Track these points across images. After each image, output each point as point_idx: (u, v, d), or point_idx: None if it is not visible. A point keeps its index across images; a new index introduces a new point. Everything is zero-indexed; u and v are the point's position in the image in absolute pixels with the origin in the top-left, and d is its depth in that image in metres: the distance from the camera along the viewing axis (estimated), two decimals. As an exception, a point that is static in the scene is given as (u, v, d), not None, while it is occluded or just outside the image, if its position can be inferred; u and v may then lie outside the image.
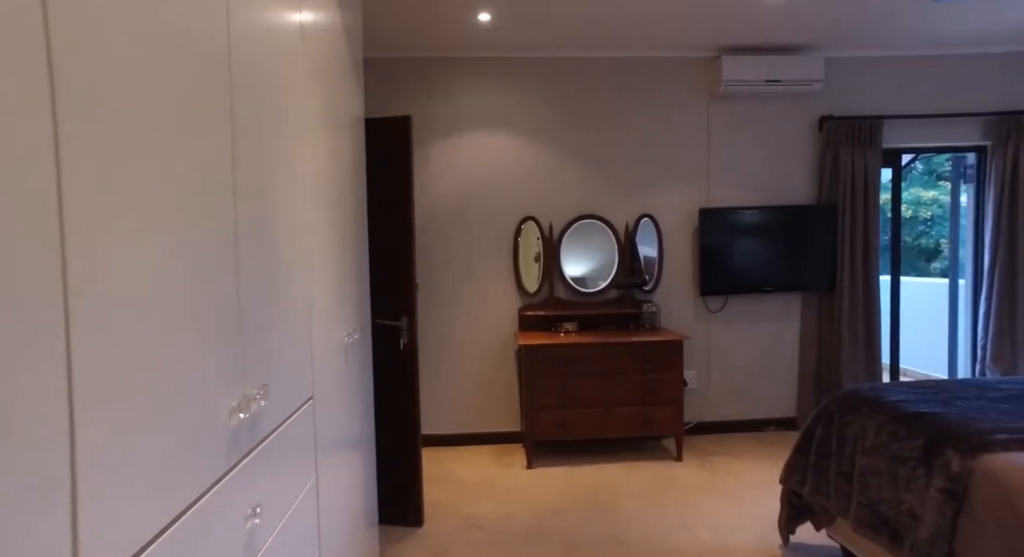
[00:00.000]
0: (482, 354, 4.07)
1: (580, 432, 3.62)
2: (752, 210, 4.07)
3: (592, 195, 4.07)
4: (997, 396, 2.18)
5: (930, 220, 8.74)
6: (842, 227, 4.05)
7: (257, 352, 1.07)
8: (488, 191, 4.02)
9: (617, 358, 3.61)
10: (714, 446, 3.91)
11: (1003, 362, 4.18)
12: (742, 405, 4.22)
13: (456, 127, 3.98)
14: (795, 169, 4.17)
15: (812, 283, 4.10)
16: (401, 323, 2.76)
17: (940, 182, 8.53)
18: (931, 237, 8.71)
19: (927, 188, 8.82)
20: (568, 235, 4.03)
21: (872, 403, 2.16)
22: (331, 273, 1.77)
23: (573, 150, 4.04)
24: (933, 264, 8.57)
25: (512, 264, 4.04)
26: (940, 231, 8.46)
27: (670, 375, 3.64)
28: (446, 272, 4.02)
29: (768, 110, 4.12)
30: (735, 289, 4.08)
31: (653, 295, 4.10)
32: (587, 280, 4.09)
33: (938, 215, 8.57)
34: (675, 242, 4.12)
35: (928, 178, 8.85)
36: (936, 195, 8.65)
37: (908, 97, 4.16)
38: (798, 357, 4.23)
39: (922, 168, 8.65)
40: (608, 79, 4.03)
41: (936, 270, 8.29)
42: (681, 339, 3.63)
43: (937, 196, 8.61)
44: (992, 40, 3.99)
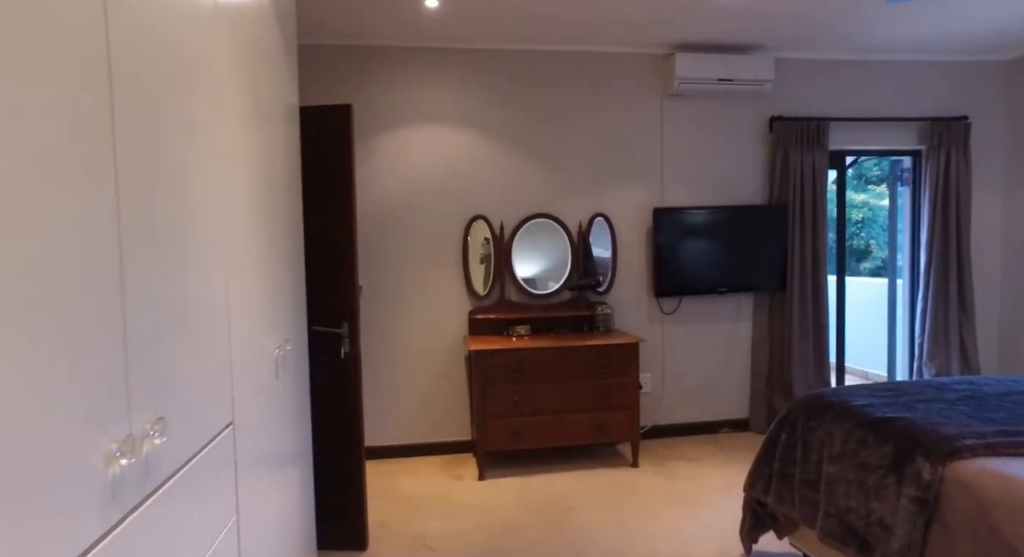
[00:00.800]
0: (430, 360, 3.87)
1: (534, 441, 3.47)
2: (705, 210, 4.03)
3: (544, 193, 3.93)
4: (954, 398, 2.15)
5: (860, 222, 9.08)
6: (792, 228, 4.07)
7: (150, 376, 0.86)
8: (436, 188, 3.82)
9: (571, 363, 3.48)
10: (669, 450, 3.84)
11: (938, 359, 4.30)
12: (696, 407, 4.17)
13: (402, 120, 3.77)
14: (747, 169, 4.16)
15: (764, 283, 4.10)
16: (342, 330, 2.54)
17: (869, 186, 8.87)
18: (861, 239, 9.05)
19: (857, 191, 9.16)
20: (520, 235, 3.88)
21: (837, 408, 2.09)
22: (258, 277, 1.54)
23: (525, 146, 3.89)
24: (863, 264, 8.91)
25: (461, 265, 3.86)
26: (869, 233, 8.79)
27: (626, 379, 3.54)
28: (391, 274, 3.80)
29: (720, 109, 4.09)
30: (689, 290, 4.03)
31: (607, 297, 4.00)
32: (539, 281, 3.95)
33: (868, 217, 8.90)
34: (629, 242, 4.04)
35: (858, 182, 9.20)
36: (866, 198, 8.99)
37: (852, 100, 4.22)
38: (750, 358, 4.22)
39: (852, 172, 8.99)
40: (561, 74, 3.90)
41: (866, 270, 8.61)
42: (637, 342, 3.54)
43: (867, 199, 8.95)
44: (929, 48, 4.09)
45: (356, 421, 2.66)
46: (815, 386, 4.12)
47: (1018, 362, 4.39)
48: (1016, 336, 4.42)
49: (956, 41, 4.02)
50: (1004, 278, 4.49)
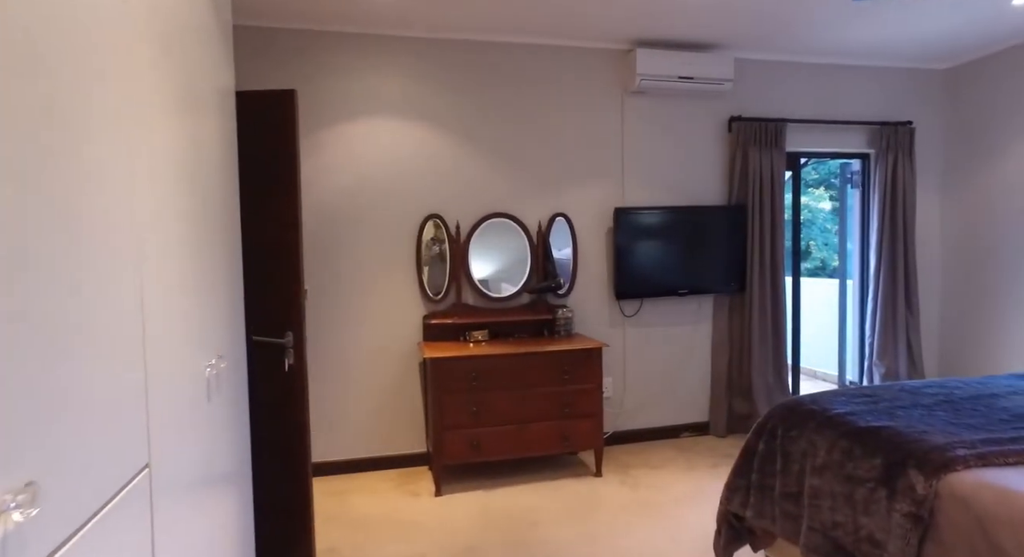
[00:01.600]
0: (382, 368, 3.63)
1: (494, 452, 3.29)
2: (666, 210, 3.95)
3: (503, 192, 3.76)
4: (930, 403, 2.11)
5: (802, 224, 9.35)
6: (752, 229, 4.04)
7: (14, 426, 0.63)
8: (387, 185, 3.59)
9: (533, 369, 3.32)
10: (632, 457, 3.73)
11: (887, 358, 4.37)
12: (657, 412, 4.09)
13: (352, 112, 3.52)
14: (707, 169, 4.11)
15: (724, 285, 4.05)
16: (286, 340, 2.29)
17: (809, 189, 9.13)
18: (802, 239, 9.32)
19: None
20: (477, 235, 3.69)
21: (819, 417, 2.01)
22: (185, 285, 1.31)
23: (482, 142, 3.71)
24: (804, 265, 9.18)
25: (415, 267, 3.64)
26: (809, 234, 9.05)
27: (589, 385, 3.40)
28: (339, 276, 3.54)
29: (681, 108, 4.02)
30: (650, 292, 3.94)
31: (567, 299, 3.87)
32: (498, 284, 3.77)
33: (807, 219, 9.17)
34: (590, 243, 3.91)
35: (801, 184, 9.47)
36: (807, 201, 9.25)
37: (807, 103, 4.24)
38: (710, 360, 4.18)
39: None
40: (520, 68, 3.74)
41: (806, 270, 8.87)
42: (600, 347, 3.41)
43: (808, 202, 9.21)
44: (879, 54, 4.15)
45: (302, 438, 2.41)
46: (774, 388, 4.11)
47: (958, 360, 4.52)
48: (955, 335, 4.55)
49: (901, 49, 4.10)
50: (944, 278, 4.62)
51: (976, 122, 4.37)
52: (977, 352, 4.38)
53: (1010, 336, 4.17)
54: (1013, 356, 4.14)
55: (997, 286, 4.25)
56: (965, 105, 4.44)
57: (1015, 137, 4.13)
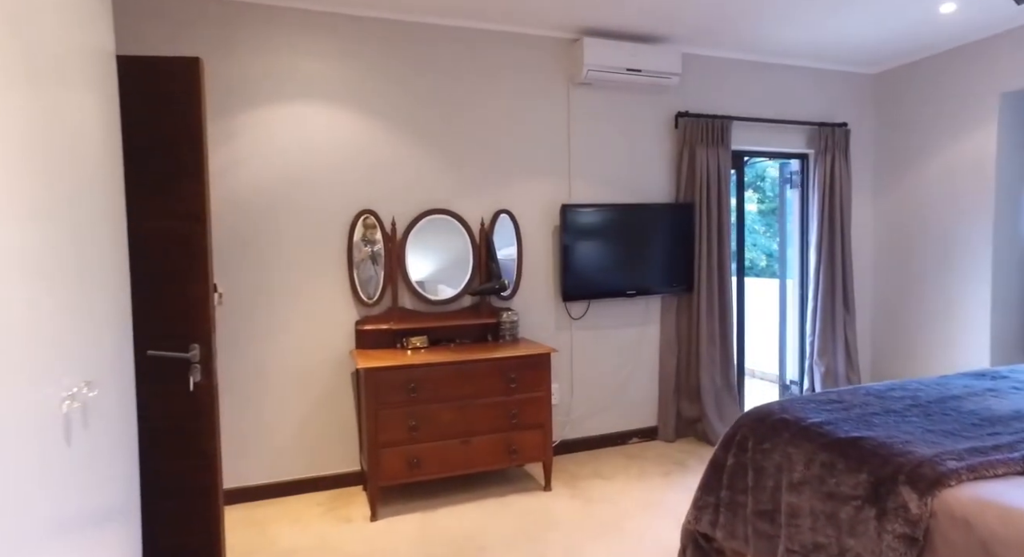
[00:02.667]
0: (309, 380, 3.27)
1: (436, 469, 3.02)
2: (614, 208, 3.78)
3: (442, 186, 3.48)
4: (900, 408, 2.01)
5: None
6: (699, 227, 3.95)
7: None
8: (315, 178, 3.24)
9: (476, 378, 3.07)
10: (581, 467, 3.54)
11: (826, 357, 4.40)
12: (605, 418, 3.93)
13: (274, 95, 3.14)
14: (655, 166, 3.98)
15: (672, 285, 3.94)
16: (191, 353, 1.93)
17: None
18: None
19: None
20: (415, 233, 3.40)
21: (793, 428, 1.86)
22: (33, 294, 0.97)
23: (419, 133, 3.42)
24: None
25: (346, 268, 3.31)
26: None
27: (538, 394, 3.18)
28: (260, 279, 3.16)
29: (628, 102, 3.87)
30: (598, 293, 3.77)
31: (512, 302, 3.64)
32: (437, 286, 3.49)
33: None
34: (535, 241, 3.70)
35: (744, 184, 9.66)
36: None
37: (751, 101, 4.20)
38: (658, 363, 4.05)
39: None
40: (461, 53, 3.48)
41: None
42: (548, 352, 3.20)
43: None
44: (818, 56, 4.16)
45: (210, 467, 2.06)
46: (722, 390, 4.04)
47: (890, 358, 4.61)
48: (887, 333, 4.65)
49: (837, 52, 4.14)
50: (875, 277, 4.72)
51: (903, 126, 4.47)
52: (907, 350, 4.48)
53: (937, 333, 4.28)
54: (941, 353, 4.25)
55: (924, 285, 4.36)
56: (893, 109, 4.54)
57: (939, 141, 4.24)
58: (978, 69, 4.00)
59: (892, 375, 4.60)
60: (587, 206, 3.70)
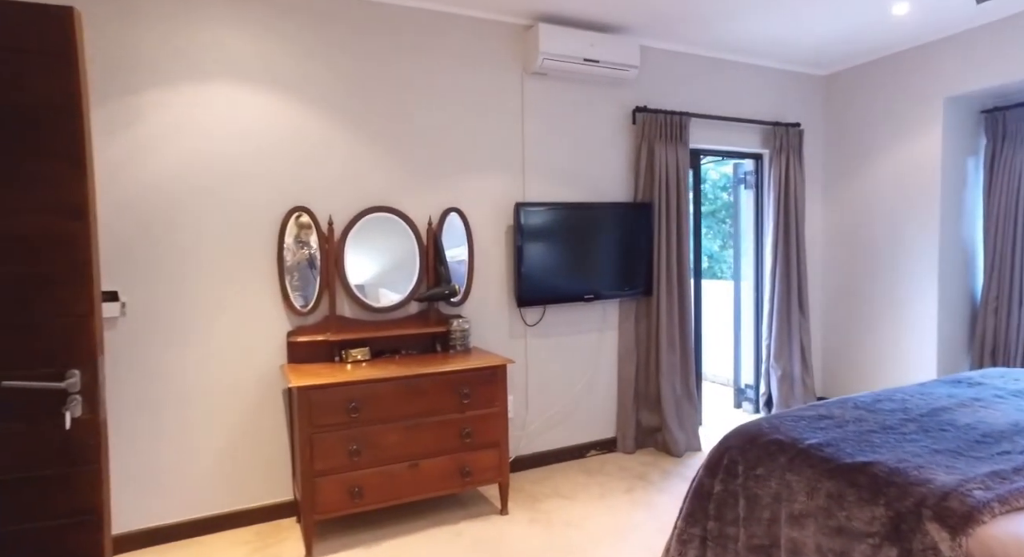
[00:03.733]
0: (233, 401, 2.87)
1: (380, 498, 2.68)
2: (572, 207, 3.55)
3: (385, 182, 3.15)
4: (895, 423, 1.85)
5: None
6: (658, 228, 3.77)
7: None
8: (238, 170, 2.84)
9: (425, 394, 2.76)
10: (539, 486, 3.29)
11: (782, 360, 4.32)
12: (562, 431, 3.69)
13: (190, 73, 2.73)
14: (613, 163, 3.78)
15: (631, 288, 3.74)
16: (68, 382, 1.54)
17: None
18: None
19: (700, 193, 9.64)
20: (354, 233, 3.05)
21: (789, 450, 1.65)
22: None
23: (361, 123, 3.08)
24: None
25: (276, 273, 2.93)
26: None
27: (493, 409, 2.90)
28: (173, 286, 2.74)
29: (585, 94, 3.65)
30: (554, 298, 3.52)
31: (463, 308, 3.34)
32: (380, 291, 3.16)
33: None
34: (487, 242, 3.42)
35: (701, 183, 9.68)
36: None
37: (708, 98, 4.07)
38: (616, 371, 3.85)
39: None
40: (407, 37, 3.16)
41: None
42: (505, 363, 2.92)
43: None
44: (773, 55, 4.08)
45: (94, 525, 1.66)
46: (682, 398, 3.87)
47: (841, 361, 4.59)
48: (836, 334, 4.63)
49: (791, 51, 4.09)
50: (825, 279, 4.69)
51: (852, 128, 4.46)
52: (858, 352, 4.47)
53: (886, 334, 4.28)
54: (890, 354, 4.25)
55: (873, 287, 4.35)
56: (842, 111, 4.53)
57: (887, 145, 4.25)
58: (924, 73, 4.01)
59: (844, 377, 4.58)
60: (543, 205, 3.45)
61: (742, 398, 4.75)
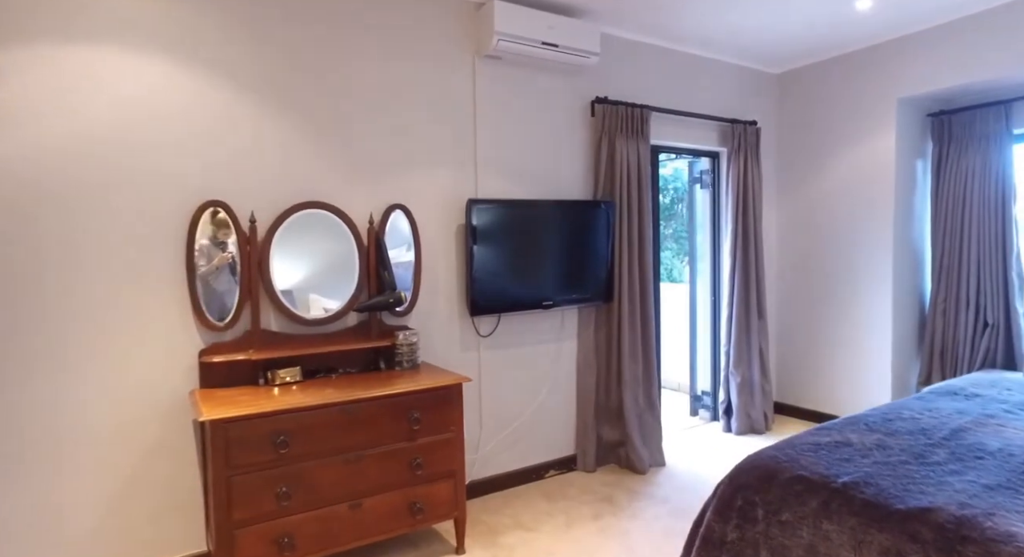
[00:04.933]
0: (127, 438, 2.36)
1: (315, 547, 2.26)
2: (528, 205, 3.22)
3: (318, 174, 2.72)
4: (921, 448, 1.63)
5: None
6: (620, 228, 3.51)
7: None
8: (139, 155, 2.34)
9: (369, 421, 2.36)
10: (498, 516, 2.94)
11: (741, 367, 4.17)
12: (519, 450, 3.36)
13: (68, 30, 2.21)
14: (572, 157, 3.49)
15: (591, 294, 3.45)
16: None
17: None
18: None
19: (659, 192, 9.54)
20: (282, 233, 2.61)
21: (821, 490, 1.39)
22: None
23: (290, 105, 2.64)
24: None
25: (186, 280, 2.44)
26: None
27: (447, 435, 2.53)
28: (47, 296, 2.21)
29: (542, 81, 3.35)
30: (510, 305, 3.19)
31: (409, 318, 2.95)
32: (314, 301, 2.72)
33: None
34: (436, 244, 3.04)
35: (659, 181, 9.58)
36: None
37: (667, 92, 3.86)
38: (575, 383, 3.56)
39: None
40: (345, 9, 2.74)
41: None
42: (460, 382, 2.56)
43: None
44: (732, 51, 3.92)
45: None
46: (644, 410, 3.63)
47: (796, 364, 4.51)
48: (792, 338, 4.54)
49: (751, 46, 3.95)
50: (779, 281, 4.60)
51: (806, 129, 4.38)
52: (814, 356, 4.39)
53: (842, 337, 4.21)
54: (847, 360, 4.18)
55: (827, 289, 4.28)
56: (796, 111, 4.44)
57: (841, 146, 4.18)
58: (878, 73, 3.96)
59: (800, 382, 4.49)
60: (497, 202, 3.11)
61: (698, 405, 4.58)
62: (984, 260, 3.85)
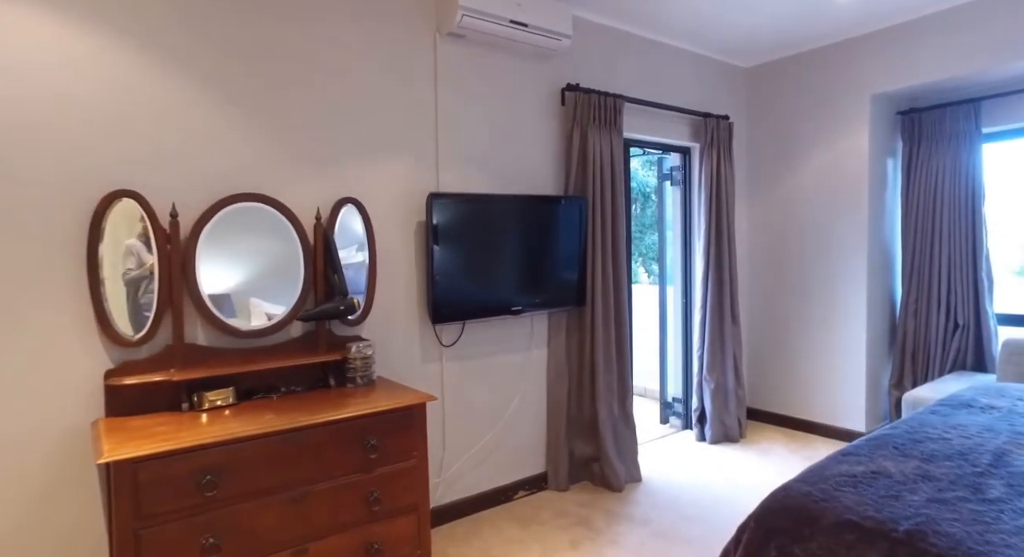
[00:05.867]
0: (8, 484, 1.93)
1: (251, 606, 1.89)
2: (495, 200, 2.92)
3: (255, 161, 2.34)
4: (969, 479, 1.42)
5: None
6: (593, 227, 3.25)
7: None
8: (26, 133, 1.92)
9: (317, 451, 2.00)
10: (466, 547, 2.62)
11: (715, 373, 3.99)
12: (485, 470, 3.05)
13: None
14: (541, 149, 3.21)
15: (562, 298, 3.18)
16: None
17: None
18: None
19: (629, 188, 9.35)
20: (213, 229, 2.21)
21: (880, 541, 1.15)
22: None
23: (222, 84, 2.25)
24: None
25: (87, 286, 2.02)
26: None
27: (409, 463, 2.20)
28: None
29: (511, 65, 3.05)
30: (475, 311, 2.88)
31: (363, 327, 2.60)
32: (256, 306, 2.34)
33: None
34: (393, 243, 2.70)
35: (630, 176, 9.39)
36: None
37: (639, 83, 3.63)
38: (546, 395, 3.28)
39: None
40: (280, -35, 2.37)
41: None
42: (423, 401, 2.23)
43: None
44: (703, 42, 3.73)
45: None
46: (619, 421, 3.38)
47: (768, 367, 4.37)
48: (764, 341, 4.40)
49: (724, 37, 3.78)
50: (751, 282, 4.46)
51: (777, 125, 4.25)
52: (787, 359, 4.26)
53: (815, 340, 4.09)
54: (821, 362, 4.06)
55: (802, 290, 4.15)
56: (768, 106, 4.31)
57: (814, 142, 4.06)
58: (850, 69, 3.85)
59: (773, 386, 4.35)
60: (462, 197, 2.80)
61: (669, 413, 4.38)
62: (955, 260, 3.79)
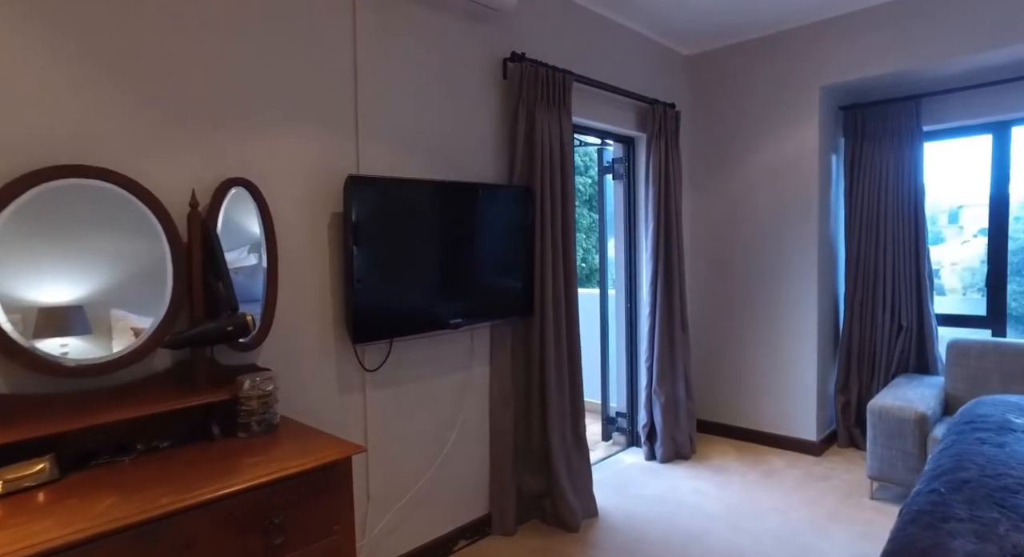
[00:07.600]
0: None
1: None
2: (429, 186, 2.36)
3: (97, 125, 1.64)
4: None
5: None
6: (542, 223, 2.77)
7: None
8: None
9: (192, 547, 1.36)
10: (401, 635, 2.04)
11: (666, 385, 3.65)
12: (420, 520, 2.48)
13: None
14: (481, 128, 2.69)
15: (507, 306, 2.67)
16: None
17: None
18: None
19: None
20: (16, 214, 1.50)
21: None
22: None
23: (63, 17, 1.54)
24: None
25: None
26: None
27: (330, 539, 1.60)
28: None
29: (445, 23, 2.51)
30: (405, 327, 2.30)
31: (260, 352, 1.95)
32: (111, 324, 1.63)
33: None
34: (300, 239, 2.07)
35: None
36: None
37: (587, 60, 3.21)
38: (488, 422, 2.76)
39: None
40: None
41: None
42: (349, 454, 1.63)
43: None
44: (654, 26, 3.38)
45: None
46: (572, 449, 2.92)
47: (716, 376, 4.11)
48: (710, 348, 4.14)
49: (666, 25, 3.46)
50: (696, 285, 4.18)
51: (722, 116, 3.99)
52: (735, 366, 4.01)
53: (764, 344, 3.87)
54: (771, 368, 3.84)
55: (749, 291, 3.93)
56: (712, 96, 4.05)
57: (759, 137, 3.84)
58: (798, 59, 3.66)
59: (720, 395, 4.08)
60: (388, 182, 2.21)
61: (613, 429, 4.00)
62: (899, 260, 3.69)
